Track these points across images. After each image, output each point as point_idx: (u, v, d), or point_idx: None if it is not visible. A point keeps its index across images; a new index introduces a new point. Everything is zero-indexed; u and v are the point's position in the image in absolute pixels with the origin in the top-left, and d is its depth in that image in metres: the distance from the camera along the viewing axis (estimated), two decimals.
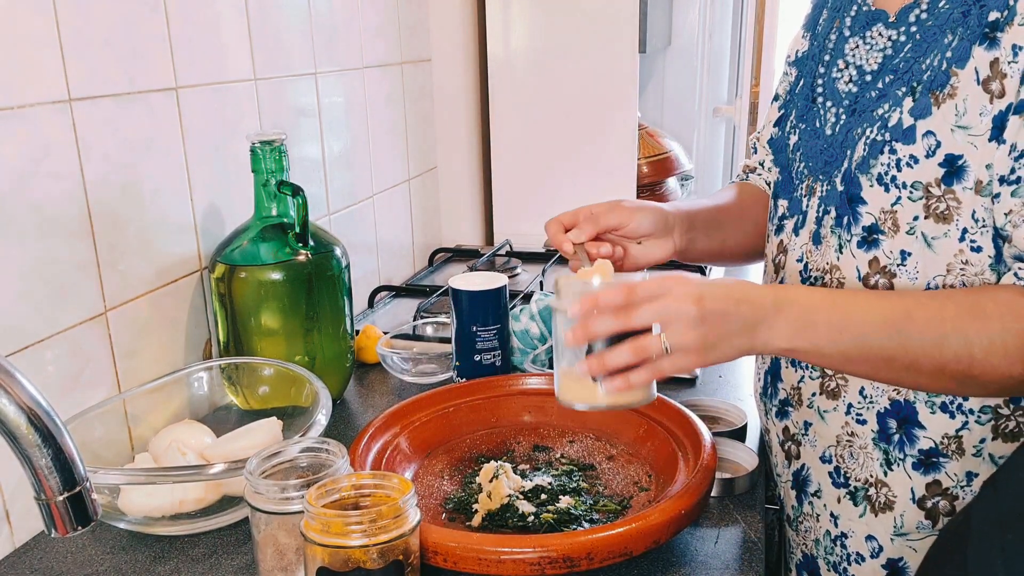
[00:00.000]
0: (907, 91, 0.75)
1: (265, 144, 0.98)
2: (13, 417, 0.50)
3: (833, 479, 0.85)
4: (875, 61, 0.79)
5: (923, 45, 0.75)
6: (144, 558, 0.79)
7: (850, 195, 0.79)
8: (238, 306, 1.00)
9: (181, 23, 1.00)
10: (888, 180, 0.76)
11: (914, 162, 0.74)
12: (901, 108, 0.75)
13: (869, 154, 0.77)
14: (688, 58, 2.21)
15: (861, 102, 0.79)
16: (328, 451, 0.74)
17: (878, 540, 0.82)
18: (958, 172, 0.72)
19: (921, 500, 0.80)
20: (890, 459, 0.80)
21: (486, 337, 1.05)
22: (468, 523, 0.80)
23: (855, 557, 0.84)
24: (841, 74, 0.82)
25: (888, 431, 0.80)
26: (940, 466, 0.78)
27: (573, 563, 0.68)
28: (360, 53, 1.42)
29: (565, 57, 1.66)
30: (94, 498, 0.54)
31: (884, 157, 0.76)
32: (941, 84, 0.72)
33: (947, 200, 0.73)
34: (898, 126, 0.75)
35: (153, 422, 0.95)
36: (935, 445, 0.78)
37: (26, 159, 0.81)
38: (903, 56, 0.76)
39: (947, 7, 0.73)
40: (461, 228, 1.82)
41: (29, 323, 0.83)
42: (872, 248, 0.78)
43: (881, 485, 0.81)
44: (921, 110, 0.73)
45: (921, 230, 0.75)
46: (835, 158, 0.81)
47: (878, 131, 0.76)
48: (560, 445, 0.94)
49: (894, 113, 0.75)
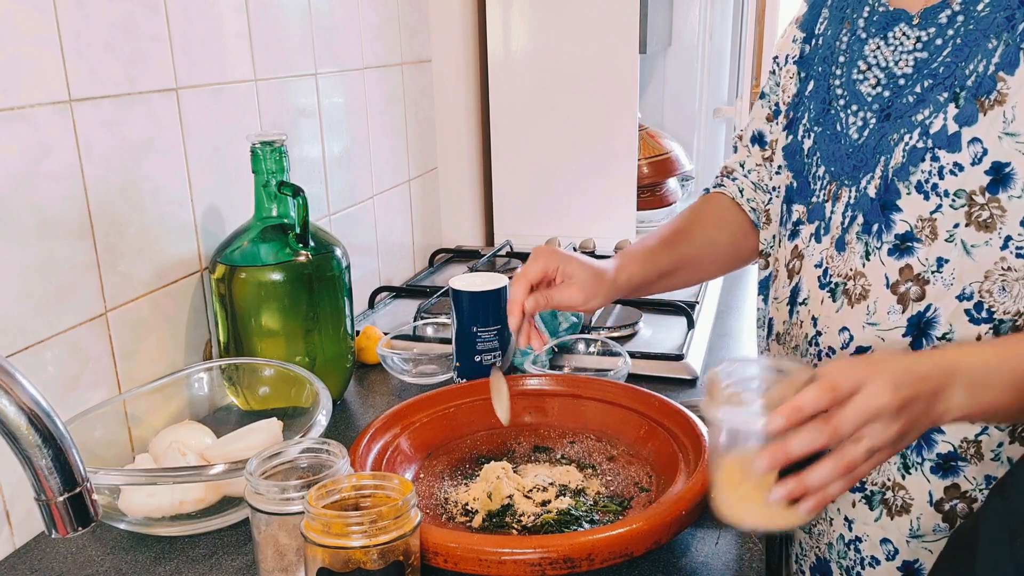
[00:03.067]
0: (950, 96, 0.73)
1: (265, 145, 0.98)
2: (13, 418, 0.50)
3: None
4: (907, 64, 0.77)
5: (965, 49, 0.73)
6: (144, 559, 0.78)
7: (884, 202, 0.77)
8: (238, 307, 1.00)
9: (181, 24, 1.00)
10: (928, 188, 0.74)
11: (959, 169, 0.72)
12: (945, 114, 0.73)
13: (908, 161, 0.75)
14: (688, 59, 2.21)
15: (896, 107, 0.78)
16: (328, 452, 0.74)
17: (893, 543, 0.82)
18: (1004, 180, 0.71)
19: (939, 503, 0.79)
20: (908, 463, 0.80)
21: (486, 338, 1.05)
22: (469, 524, 0.80)
23: (870, 561, 0.84)
24: (863, 76, 0.81)
25: None
26: (959, 470, 0.78)
27: (574, 564, 0.68)
28: (360, 54, 1.42)
29: (565, 58, 1.66)
30: (94, 499, 0.54)
31: (925, 164, 0.74)
32: (988, 90, 0.71)
33: (991, 208, 0.71)
34: (942, 133, 0.73)
35: (153, 423, 0.95)
36: (954, 449, 0.78)
37: (26, 160, 0.82)
38: (941, 60, 0.75)
39: (987, 11, 0.72)
40: (461, 229, 1.82)
41: (29, 323, 0.83)
42: (905, 255, 0.77)
43: (898, 488, 0.81)
44: (967, 117, 0.72)
45: (961, 238, 0.73)
46: (865, 163, 0.79)
47: (919, 137, 0.75)
48: (561, 446, 0.94)
49: (936, 119, 0.74)
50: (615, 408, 0.96)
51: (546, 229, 1.76)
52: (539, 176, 1.74)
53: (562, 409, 0.98)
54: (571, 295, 0.91)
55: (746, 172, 1.02)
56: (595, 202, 1.73)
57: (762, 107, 1.00)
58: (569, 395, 0.99)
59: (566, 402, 0.98)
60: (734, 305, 1.44)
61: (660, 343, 1.22)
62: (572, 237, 1.71)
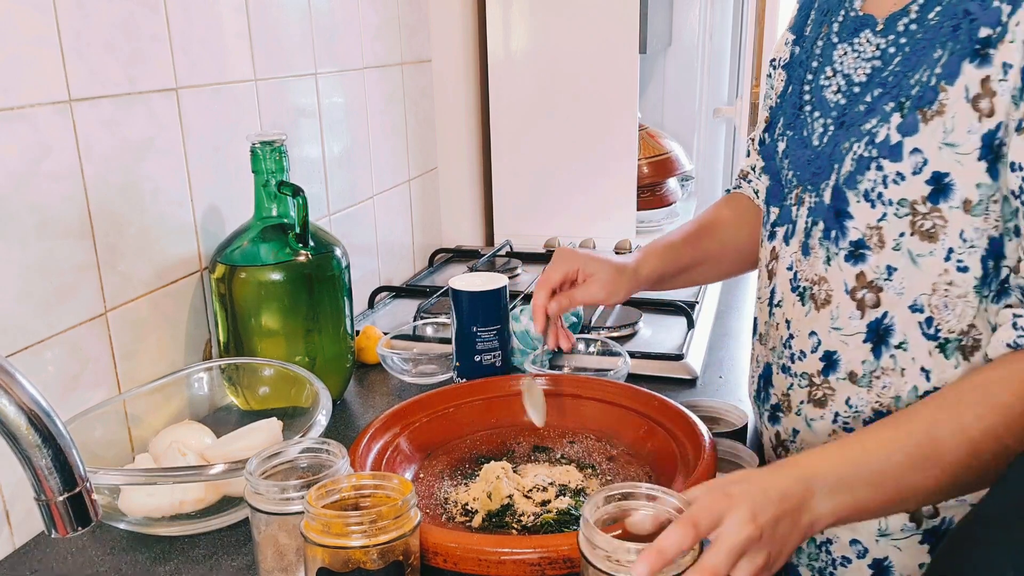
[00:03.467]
0: (895, 107, 0.73)
1: (265, 144, 0.98)
2: (13, 418, 0.50)
3: None
4: (863, 72, 0.77)
5: (912, 59, 0.73)
6: (144, 559, 0.79)
7: (837, 209, 0.78)
8: (238, 307, 1.00)
9: (181, 24, 1.00)
10: (875, 196, 0.75)
11: (900, 179, 0.72)
12: (889, 124, 0.73)
13: (856, 170, 0.76)
14: (688, 59, 2.21)
15: (849, 115, 0.78)
16: (328, 452, 0.74)
17: (862, 543, 0.82)
18: (944, 190, 0.71)
19: None
20: None
21: (486, 338, 1.05)
22: (468, 524, 0.80)
23: (840, 561, 0.84)
24: (829, 82, 0.81)
25: None
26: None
27: (574, 564, 0.68)
28: (360, 54, 1.42)
29: (565, 58, 1.66)
30: (94, 499, 0.54)
31: (871, 173, 0.74)
32: (930, 101, 0.70)
33: (933, 218, 0.71)
34: (885, 142, 0.73)
35: (153, 423, 0.95)
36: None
37: (26, 160, 0.82)
38: (891, 69, 0.74)
39: (936, 19, 0.71)
40: (461, 229, 1.82)
41: (29, 323, 0.83)
42: (859, 262, 0.77)
43: None
44: (909, 127, 0.72)
45: (907, 247, 0.74)
46: (823, 170, 0.80)
47: (866, 147, 0.75)
48: (560, 446, 0.94)
49: (882, 129, 0.74)
50: (615, 408, 0.96)
51: (546, 229, 1.76)
52: (539, 176, 1.74)
53: (562, 409, 0.98)
54: (593, 292, 0.95)
55: (758, 175, 1.03)
56: (595, 202, 1.73)
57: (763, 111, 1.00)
58: (569, 395, 0.99)
59: (566, 402, 0.98)
60: (734, 305, 1.44)
61: (660, 343, 1.22)
62: (572, 237, 1.71)
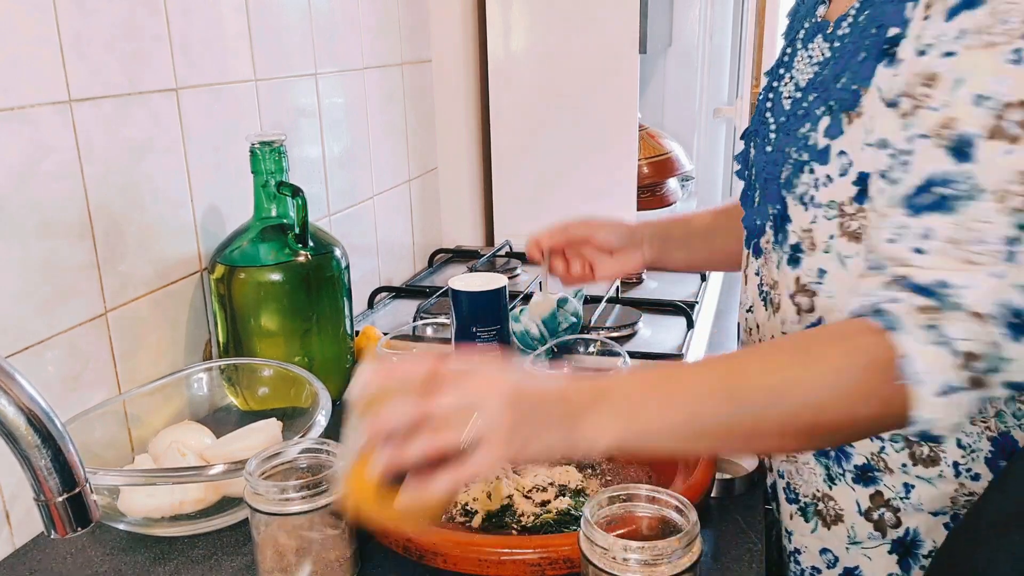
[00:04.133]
0: (825, 110, 0.73)
1: (264, 145, 0.98)
2: (12, 418, 0.50)
3: (786, 494, 0.86)
4: (806, 77, 0.78)
5: (841, 63, 0.73)
6: (144, 559, 0.78)
7: (780, 214, 0.79)
8: (238, 307, 1.00)
9: (181, 24, 1.00)
10: (808, 200, 0.75)
11: (829, 181, 0.73)
12: (818, 128, 0.74)
13: (792, 174, 0.76)
14: (689, 59, 2.21)
15: (791, 120, 0.78)
16: (328, 452, 0.74)
17: (832, 551, 0.82)
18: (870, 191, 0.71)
19: (867, 512, 0.79)
20: (831, 474, 0.80)
21: (486, 338, 1.05)
22: (468, 524, 0.80)
23: (810, 571, 0.84)
24: (785, 88, 0.81)
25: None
26: (878, 479, 0.78)
27: (573, 564, 0.68)
28: (360, 54, 1.42)
29: (566, 58, 1.66)
30: (94, 499, 0.54)
31: (805, 176, 0.75)
32: (852, 104, 0.70)
33: (859, 219, 0.71)
34: (815, 146, 0.74)
35: (153, 423, 0.94)
36: (868, 461, 0.78)
37: (26, 160, 0.81)
38: (825, 73, 0.75)
39: (864, 23, 0.71)
40: (461, 229, 1.82)
41: (29, 324, 0.83)
42: (796, 266, 0.78)
43: (828, 499, 0.81)
44: (835, 130, 0.72)
45: (836, 249, 0.74)
46: (773, 176, 0.80)
47: (798, 151, 0.76)
48: None
49: (813, 133, 0.74)
50: None
51: None
52: (539, 176, 1.74)
53: None
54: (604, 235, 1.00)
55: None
56: (595, 202, 1.73)
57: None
58: None
59: None
60: (733, 305, 1.44)
61: (660, 343, 1.22)
62: None
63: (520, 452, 0.58)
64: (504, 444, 0.57)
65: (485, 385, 0.58)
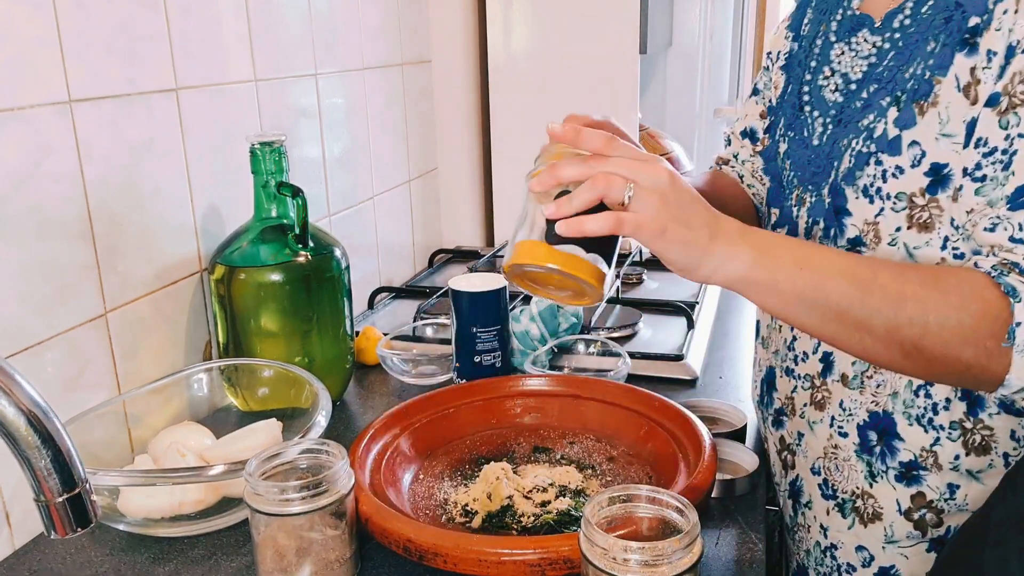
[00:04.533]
0: (891, 101, 0.74)
1: (264, 145, 0.98)
2: (12, 418, 0.50)
3: (822, 491, 0.85)
4: (860, 69, 0.78)
5: (906, 53, 0.73)
6: (144, 560, 0.78)
7: (836, 207, 0.78)
8: (238, 307, 1.00)
9: (181, 24, 1.00)
10: (873, 192, 0.75)
11: (899, 172, 0.73)
12: (886, 118, 0.74)
13: (855, 166, 0.76)
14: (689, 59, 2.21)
15: (846, 112, 0.78)
16: (328, 453, 0.73)
17: (869, 550, 0.82)
18: (943, 181, 0.71)
19: (908, 512, 0.79)
20: (874, 471, 0.80)
21: (486, 338, 1.05)
22: (468, 524, 0.80)
23: (846, 568, 0.84)
24: (827, 82, 0.81)
25: (869, 443, 0.80)
26: (921, 479, 0.78)
27: (574, 565, 0.68)
28: (360, 54, 1.42)
29: (566, 58, 1.66)
30: (93, 499, 0.54)
31: (870, 168, 0.75)
32: (925, 93, 0.71)
33: (930, 209, 0.72)
34: (883, 137, 0.74)
35: (153, 423, 0.94)
36: (915, 458, 0.78)
37: (26, 160, 0.81)
38: (886, 64, 0.75)
39: (929, 13, 0.72)
40: (461, 229, 1.82)
41: (29, 324, 0.83)
42: None
43: (867, 496, 0.81)
44: (906, 120, 0.72)
45: (903, 240, 0.74)
46: (823, 169, 0.80)
47: (863, 142, 0.75)
48: (560, 446, 0.94)
49: (879, 124, 0.74)
50: (615, 408, 0.96)
51: None
52: None
53: (562, 409, 0.98)
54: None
55: (740, 162, 1.03)
56: None
57: (756, 103, 1.00)
58: (569, 395, 0.99)
59: (566, 402, 0.98)
60: (734, 306, 1.44)
61: (660, 343, 1.22)
62: None
63: (666, 232, 0.64)
64: (655, 220, 0.64)
65: (649, 163, 0.65)
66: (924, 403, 0.77)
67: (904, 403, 0.77)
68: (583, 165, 0.65)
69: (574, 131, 0.67)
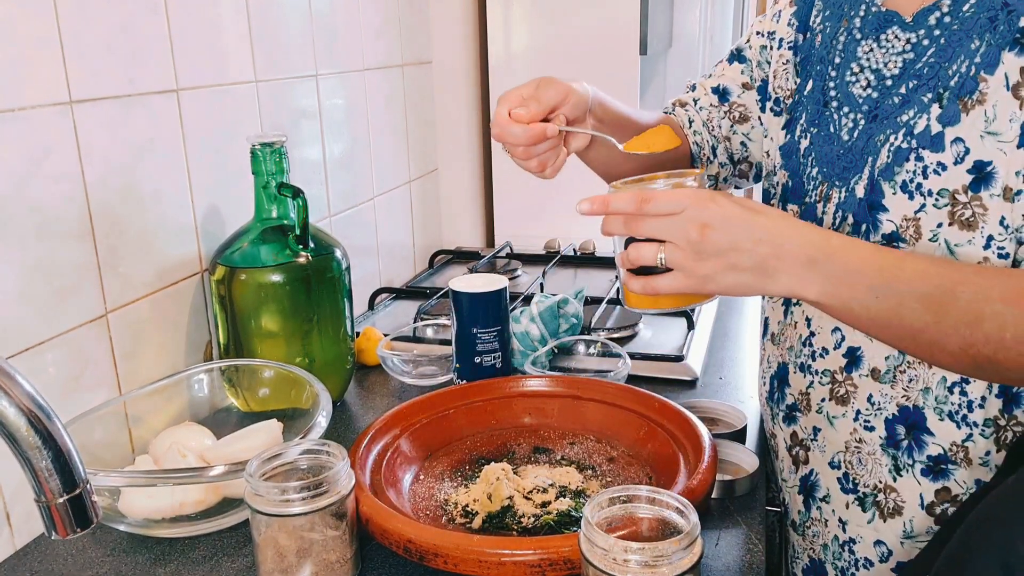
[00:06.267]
0: (933, 97, 0.74)
1: (265, 146, 0.98)
2: (13, 419, 0.50)
3: (842, 485, 0.85)
4: (895, 65, 0.78)
5: (948, 50, 0.73)
6: (144, 560, 0.78)
7: (871, 202, 0.78)
8: (238, 308, 1.00)
9: (182, 25, 1.00)
10: (913, 187, 0.75)
11: (942, 169, 0.73)
12: (928, 115, 0.74)
13: (894, 161, 0.76)
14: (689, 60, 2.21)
15: (882, 108, 0.78)
16: (328, 453, 0.74)
17: (887, 544, 0.82)
18: (986, 178, 0.71)
19: (930, 507, 0.79)
20: (899, 464, 0.80)
21: (486, 339, 1.05)
22: (468, 525, 0.80)
23: (863, 562, 0.84)
24: (856, 78, 0.81)
25: (896, 437, 0.80)
26: (949, 473, 0.78)
27: (574, 565, 0.68)
28: (361, 55, 1.42)
29: (566, 59, 1.66)
30: (94, 500, 0.54)
31: (910, 164, 0.75)
32: (970, 90, 0.71)
33: (973, 207, 0.72)
34: (925, 133, 0.74)
35: (153, 424, 0.95)
36: (944, 452, 0.78)
37: (27, 161, 0.82)
38: (926, 61, 0.75)
39: (972, 11, 0.72)
40: (462, 230, 1.82)
41: (29, 325, 0.83)
42: None
43: (890, 491, 0.81)
44: (950, 117, 0.72)
45: (944, 237, 0.74)
46: (854, 164, 0.80)
47: (903, 138, 0.75)
48: (561, 447, 0.94)
49: (920, 120, 0.74)
50: (615, 409, 0.96)
51: (546, 231, 1.76)
52: None
53: (562, 410, 0.98)
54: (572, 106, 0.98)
55: (698, 108, 1.03)
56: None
57: (741, 72, 1.00)
58: (569, 396, 0.99)
59: (566, 403, 0.98)
60: (734, 306, 1.44)
61: (660, 344, 1.22)
62: (572, 238, 1.71)
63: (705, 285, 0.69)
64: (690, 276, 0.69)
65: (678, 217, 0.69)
66: (959, 400, 0.76)
67: (936, 399, 0.77)
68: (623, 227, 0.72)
69: (603, 204, 0.72)
